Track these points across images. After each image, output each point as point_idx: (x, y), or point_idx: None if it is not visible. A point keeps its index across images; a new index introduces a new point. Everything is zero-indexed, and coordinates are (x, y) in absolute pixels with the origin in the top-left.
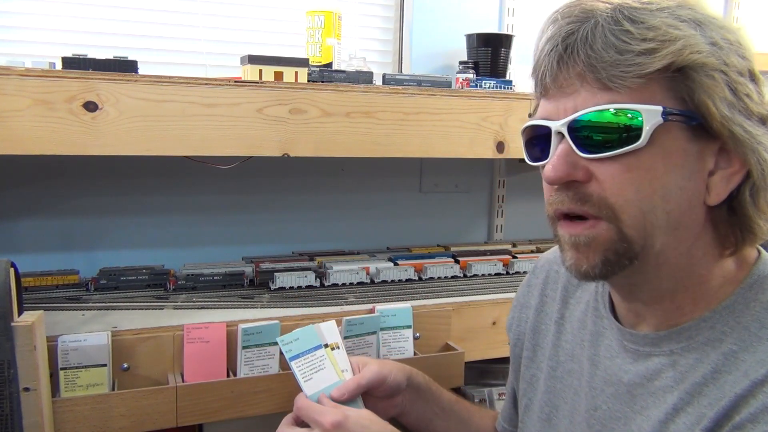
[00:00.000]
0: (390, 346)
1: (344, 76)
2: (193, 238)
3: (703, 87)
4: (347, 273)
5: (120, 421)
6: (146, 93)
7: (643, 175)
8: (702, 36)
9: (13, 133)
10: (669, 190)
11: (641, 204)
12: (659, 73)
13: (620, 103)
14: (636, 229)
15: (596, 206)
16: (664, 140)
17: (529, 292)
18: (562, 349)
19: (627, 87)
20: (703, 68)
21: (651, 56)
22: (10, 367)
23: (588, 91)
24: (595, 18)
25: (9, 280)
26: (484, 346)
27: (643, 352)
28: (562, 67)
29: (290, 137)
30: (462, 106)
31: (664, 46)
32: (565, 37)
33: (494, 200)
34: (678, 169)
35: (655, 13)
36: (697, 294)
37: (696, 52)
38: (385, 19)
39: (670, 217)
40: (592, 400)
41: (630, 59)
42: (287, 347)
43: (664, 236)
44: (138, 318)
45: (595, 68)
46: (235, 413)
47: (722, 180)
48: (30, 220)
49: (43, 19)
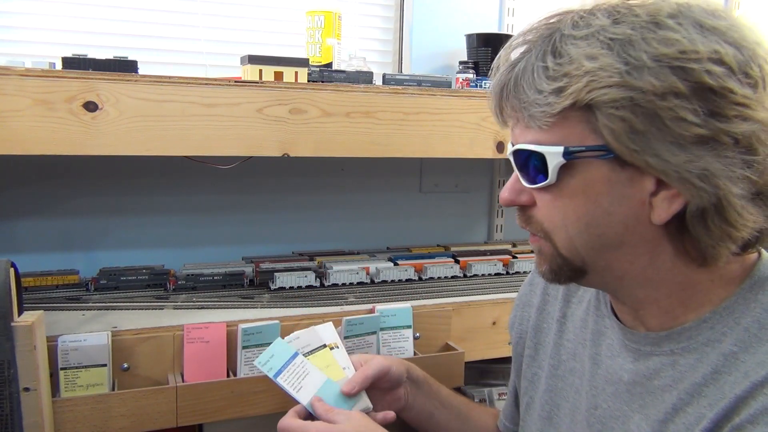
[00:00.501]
0: (390, 346)
1: (344, 76)
2: (193, 238)
3: (605, 122)
4: (347, 273)
5: (120, 421)
6: (146, 93)
7: (567, 204)
8: (617, 60)
9: (13, 133)
10: (594, 216)
11: (568, 229)
12: (570, 110)
13: (538, 141)
14: (567, 250)
15: (535, 227)
16: (583, 172)
17: (531, 291)
18: (564, 347)
19: (542, 126)
20: (606, 104)
21: (559, 96)
22: (10, 367)
23: (519, 127)
24: (530, 54)
25: (9, 280)
26: (484, 346)
27: (644, 352)
28: (502, 104)
29: (290, 137)
30: (462, 106)
31: (571, 83)
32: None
33: (494, 200)
34: (602, 197)
35: (581, 40)
36: (685, 298)
37: (597, 88)
38: (385, 19)
39: (602, 239)
40: (593, 399)
41: (543, 99)
42: (266, 367)
43: (607, 254)
44: (138, 318)
45: (520, 108)
46: (235, 413)
47: (663, 201)
48: (30, 220)
49: (43, 19)
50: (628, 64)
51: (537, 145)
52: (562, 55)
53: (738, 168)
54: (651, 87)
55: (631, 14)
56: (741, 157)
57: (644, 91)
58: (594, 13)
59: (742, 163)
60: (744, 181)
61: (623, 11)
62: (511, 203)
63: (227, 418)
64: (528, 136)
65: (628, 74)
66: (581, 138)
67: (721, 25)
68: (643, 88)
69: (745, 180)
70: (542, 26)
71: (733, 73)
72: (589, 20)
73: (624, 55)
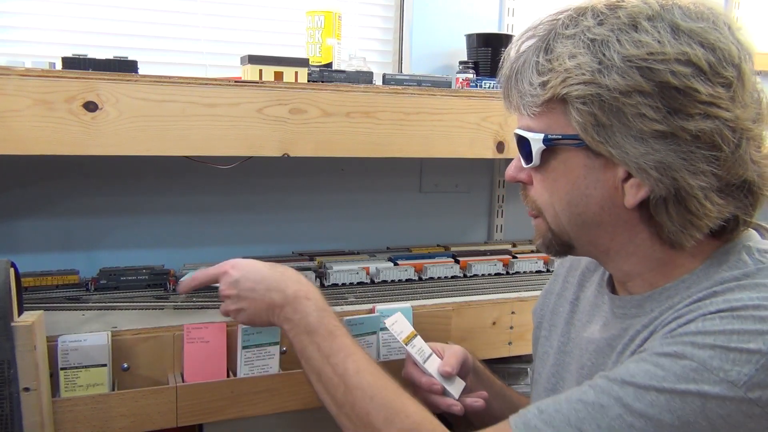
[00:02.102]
0: (390, 346)
1: (344, 76)
2: (193, 238)
3: (575, 115)
4: (347, 273)
5: (120, 421)
6: (146, 93)
7: (552, 185)
8: (593, 60)
9: (13, 133)
10: (574, 197)
11: (554, 206)
12: (550, 102)
13: (528, 127)
14: (556, 225)
15: (531, 204)
16: (564, 157)
17: (554, 280)
18: (574, 327)
19: (530, 114)
20: (576, 99)
21: (544, 89)
22: (10, 367)
23: (518, 114)
24: (528, 51)
25: (9, 280)
26: (484, 346)
27: (628, 314)
28: (508, 93)
29: (290, 137)
30: (462, 106)
31: (552, 78)
32: (508, 68)
33: (494, 200)
34: (580, 180)
35: (568, 39)
36: (666, 272)
37: (570, 84)
38: (385, 19)
39: (582, 217)
40: (579, 359)
41: (532, 91)
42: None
43: (589, 231)
44: (138, 318)
45: (517, 97)
46: (235, 413)
47: (632, 188)
48: (30, 220)
49: (43, 19)
50: (600, 63)
51: (526, 131)
52: (551, 52)
53: (700, 162)
54: (617, 85)
55: (614, 16)
56: (702, 153)
57: (610, 89)
58: (585, 13)
59: (704, 158)
60: (707, 175)
61: (608, 13)
62: (513, 179)
63: (227, 418)
64: (522, 123)
65: (599, 72)
66: (561, 127)
67: (698, 28)
68: (609, 86)
69: (709, 174)
70: (547, 22)
71: (702, 73)
72: (578, 20)
73: (599, 55)
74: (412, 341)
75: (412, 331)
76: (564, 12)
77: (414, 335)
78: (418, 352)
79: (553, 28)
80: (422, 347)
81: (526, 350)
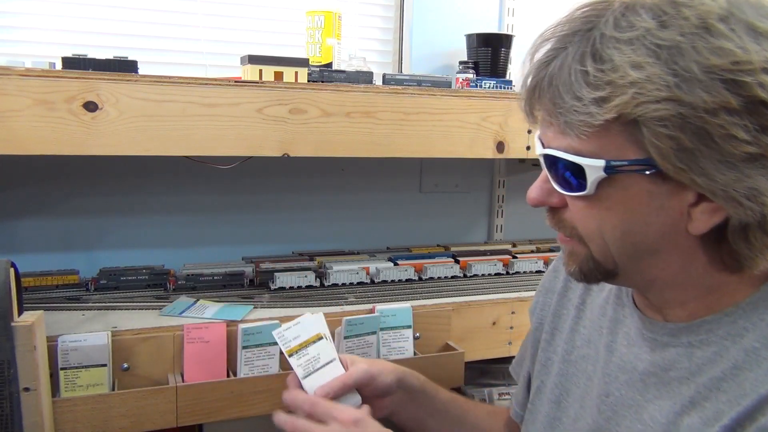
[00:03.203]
0: (390, 346)
1: (344, 76)
2: (193, 238)
3: (651, 139)
4: (347, 273)
5: (120, 421)
6: (146, 93)
7: (604, 213)
8: (665, 71)
9: (13, 133)
10: (631, 226)
11: (604, 236)
12: (612, 122)
13: (575, 150)
14: (602, 256)
15: (568, 230)
16: (624, 185)
17: (555, 278)
18: (579, 334)
19: (580, 135)
20: (654, 120)
21: (601, 106)
22: (10, 367)
23: (552, 131)
24: (567, 51)
25: (9, 280)
26: (484, 346)
27: (660, 342)
28: (534, 102)
29: (290, 137)
30: (462, 106)
31: (615, 94)
32: (536, 73)
33: (494, 200)
34: (641, 207)
35: (625, 44)
36: (711, 301)
37: (645, 102)
38: (385, 19)
39: (638, 247)
40: (605, 386)
41: (582, 108)
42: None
43: (640, 260)
44: (138, 318)
45: (555, 112)
46: (235, 413)
47: (704, 213)
48: (30, 220)
49: (43, 19)
50: (677, 76)
51: (575, 155)
52: (604, 60)
53: None
54: (702, 102)
55: (680, 16)
56: None
57: (694, 107)
58: (637, 10)
59: None
60: None
61: (670, 12)
62: (540, 204)
63: (227, 418)
64: (562, 142)
65: (677, 87)
66: (621, 150)
67: None
68: (693, 103)
69: None
70: (579, 18)
71: None
72: (632, 20)
73: (672, 65)
74: (305, 349)
75: (315, 335)
76: (601, 6)
77: (314, 340)
78: (304, 363)
79: (593, 28)
80: (318, 355)
81: None
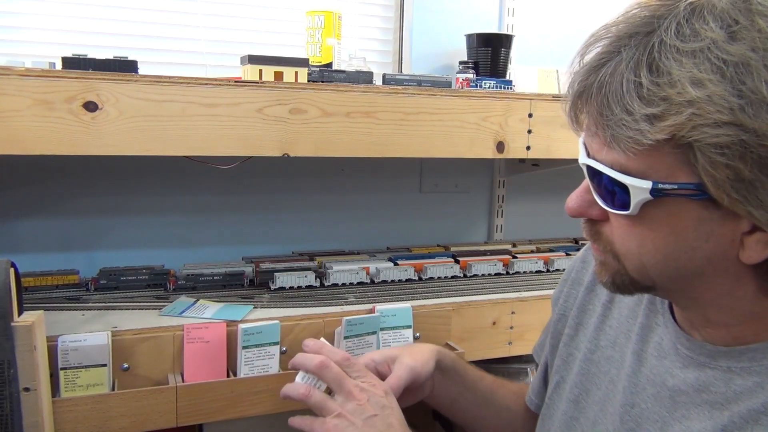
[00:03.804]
0: (390, 346)
1: (344, 76)
2: (193, 238)
3: (706, 166)
4: (347, 273)
5: (120, 421)
6: (146, 93)
7: (646, 234)
8: (730, 91)
9: (13, 133)
10: (675, 251)
11: (642, 257)
12: (662, 142)
13: (620, 166)
14: (639, 275)
15: (603, 245)
16: (671, 208)
17: (583, 269)
18: (605, 333)
19: (627, 152)
20: (709, 147)
21: (653, 124)
22: (10, 367)
23: (597, 142)
24: (620, 56)
25: (9, 280)
26: (484, 346)
27: (696, 361)
28: (580, 109)
29: (290, 137)
30: (462, 106)
31: (669, 113)
32: (584, 77)
33: (494, 200)
34: (687, 233)
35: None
36: (758, 328)
37: (702, 126)
38: (385, 19)
39: (681, 270)
40: (630, 396)
41: (632, 123)
42: None
43: (683, 281)
44: (138, 318)
45: (602, 123)
46: (235, 413)
47: (759, 243)
48: (30, 220)
49: (43, 19)
50: (743, 98)
51: (620, 173)
52: (661, 72)
53: None
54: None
55: (754, 28)
56: None
57: (759, 134)
58: (705, 17)
59: None
60: None
61: (743, 22)
62: (579, 215)
63: (227, 418)
64: (607, 156)
65: (741, 111)
66: (671, 172)
67: None
68: (758, 130)
69: None
70: (637, 18)
71: None
72: (698, 28)
73: (739, 84)
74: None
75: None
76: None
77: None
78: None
79: (652, 32)
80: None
81: (526, 350)
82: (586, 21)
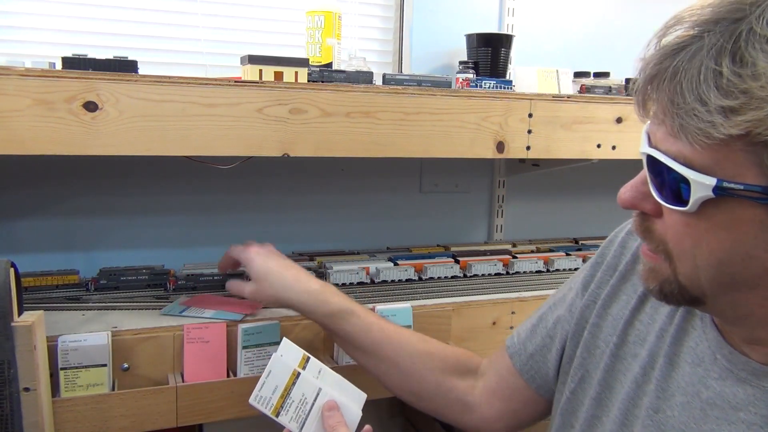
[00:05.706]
0: None
1: (344, 76)
2: (193, 238)
3: None
4: (347, 273)
5: (120, 421)
6: (146, 93)
7: (702, 235)
8: None
9: (13, 133)
10: (731, 255)
11: (696, 260)
12: (735, 138)
13: (685, 158)
14: (690, 280)
15: (655, 243)
16: (732, 209)
17: (621, 254)
18: (634, 328)
19: (694, 144)
20: None
21: (728, 118)
22: (10, 367)
23: (663, 131)
24: (702, 41)
25: (9, 280)
26: (484, 346)
27: (736, 376)
28: (650, 94)
29: (290, 137)
30: (462, 106)
31: (748, 107)
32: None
33: (494, 200)
34: (747, 237)
35: None
36: None
37: None
38: (385, 19)
39: (736, 278)
40: (657, 401)
41: (705, 114)
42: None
43: (735, 293)
44: (138, 318)
45: (671, 112)
46: (235, 413)
47: None
48: (30, 220)
49: (43, 19)
50: None
51: (683, 166)
52: (745, 64)
53: None
54: None
55: None
56: None
57: None
58: None
59: None
60: None
61: None
62: (632, 207)
63: (227, 418)
64: (672, 146)
65: None
66: (739, 170)
67: None
68: None
69: None
70: (728, 3)
71: None
72: None
73: None
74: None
75: (291, 374)
76: None
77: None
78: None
79: (742, 19)
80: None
81: None
82: (587, 21)
